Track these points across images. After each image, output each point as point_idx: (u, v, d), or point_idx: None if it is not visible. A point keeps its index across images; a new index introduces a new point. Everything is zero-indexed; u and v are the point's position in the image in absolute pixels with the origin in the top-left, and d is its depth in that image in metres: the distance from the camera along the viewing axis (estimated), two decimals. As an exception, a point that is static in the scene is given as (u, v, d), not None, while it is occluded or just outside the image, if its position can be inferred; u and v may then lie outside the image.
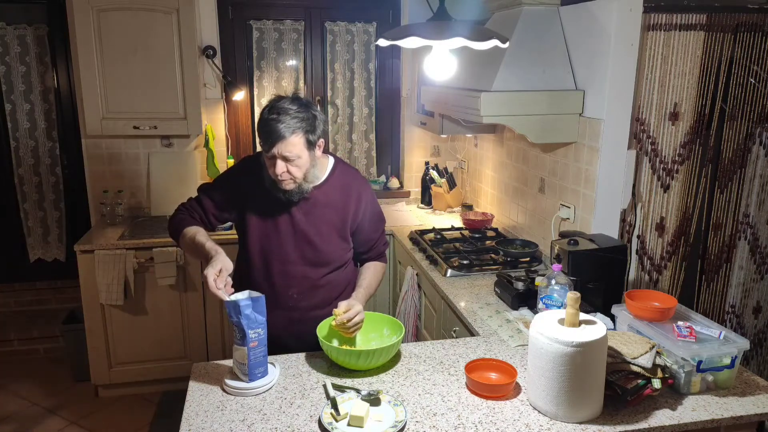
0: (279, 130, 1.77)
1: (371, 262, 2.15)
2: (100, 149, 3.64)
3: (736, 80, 2.49)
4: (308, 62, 3.90)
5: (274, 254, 1.97)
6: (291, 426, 1.53)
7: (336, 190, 2.00)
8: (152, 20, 3.26)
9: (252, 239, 1.98)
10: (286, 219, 1.96)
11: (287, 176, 1.84)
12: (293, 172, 1.84)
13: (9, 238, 4.00)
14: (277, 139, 1.78)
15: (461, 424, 1.54)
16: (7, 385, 3.52)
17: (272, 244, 1.97)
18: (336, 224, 2.00)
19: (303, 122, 1.80)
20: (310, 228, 1.97)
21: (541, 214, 2.88)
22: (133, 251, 3.18)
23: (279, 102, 1.82)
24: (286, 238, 1.97)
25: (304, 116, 1.81)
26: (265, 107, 1.84)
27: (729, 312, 2.78)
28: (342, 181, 2.02)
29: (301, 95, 1.89)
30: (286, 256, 1.98)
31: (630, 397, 1.57)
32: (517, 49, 2.47)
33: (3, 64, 3.74)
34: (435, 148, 4.07)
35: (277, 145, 1.78)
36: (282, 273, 1.98)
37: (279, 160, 1.81)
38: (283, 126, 1.77)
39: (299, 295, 2.00)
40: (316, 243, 1.98)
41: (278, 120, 1.77)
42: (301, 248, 1.98)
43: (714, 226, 2.65)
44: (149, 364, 3.38)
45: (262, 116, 1.82)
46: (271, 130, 1.78)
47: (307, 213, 1.96)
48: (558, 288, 1.97)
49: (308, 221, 1.96)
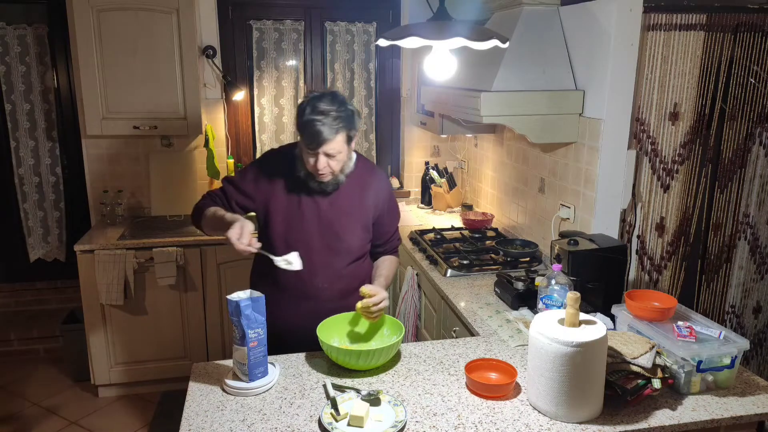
0: (325, 132, 1.84)
1: (386, 256, 2.21)
2: (100, 149, 3.64)
3: (736, 80, 2.49)
4: (308, 62, 3.90)
5: (298, 244, 2.01)
6: (291, 426, 1.53)
7: (360, 181, 2.07)
8: (152, 20, 3.26)
9: (276, 229, 2.03)
10: (312, 209, 2.02)
11: (327, 170, 1.93)
12: (332, 165, 1.93)
13: (9, 238, 4.00)
14: (324, 141, 1.85)
15: (461, 424, 1.54)
16: (7, 385, 3.52)
17: (297, 234, 2.02)
18: (359, 215, 2.07)
19: (345, 121, 1.88)
20: (335, 218, 2.03)
21: (541, 214, 2.88)
22: (133, 251, 3.18)
23: (320, 102, 1.87)
24: (311, 227, 2.02)
25: (344, 114, 1.88)
26: (305, 106, 1.89)
27: (729, 312, 2.78)
28: (365, 174, 2.09)
29: (336, 91, 1.96)
30: (310, 246, 2.02)
31: (630, 397, 1.57)
32: (517, 49, 2.47)
33: (3, 64, 3.74)
34: (435, 148, 4.07)
35: (323, 145, 1.86)
36: (307, 262, 2.01)
37: (321, 156, 1.89)
38: (328, 127, 1.84)
39: (324, 284, 2.05)
40: (340, 232, 2.04)
41: (323, 122, 1.84)
42: (326, 238, 2.03)
43: (714, 226, 2.65)
44: (149, 364, 3.38)
45: (305, 116, 1.87)
46: (317, 131, 1.84)
47: (332, 203, 2.03)
48: (558, 288, 1.97)
49: (333, 211, 2.03)
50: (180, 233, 3.39)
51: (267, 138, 3.95)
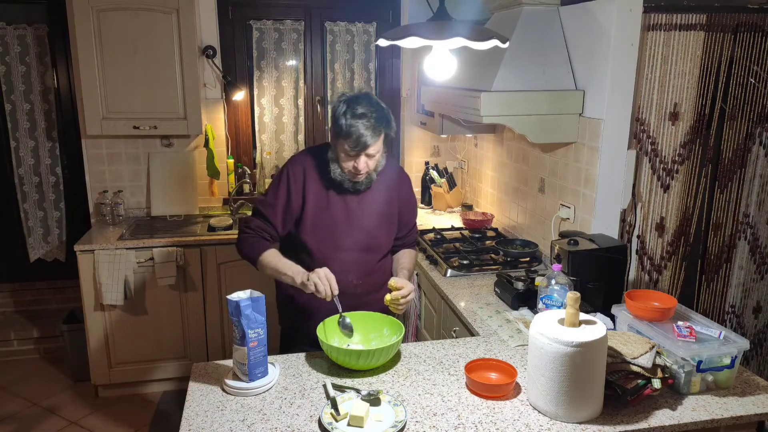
0: (369, 135, 1.90)
1: (404, 250, 2.26)
2: (100, 149, 3.64)
3: (736, 80, 2.49)
4: (308, 62, 3.90)
5: (331, 244, 2.06)
6: (291, 426, 1.53)
7: (385, 178, 2.12)
8: (152, 20, 3.26)
9: (308, 230, 2.05)
10: (342, 208, 2.06)
11: (366, 170, 1.99)
12: (371, 165, 2.00)
13: (9, 238, 4.00)
14: (367, 144, 1.91)
15: (461, 424, 1.54)
16: (7, 385, 3.52)
17: (328, 233, 2.05)
18: (387, 211, 2.12)
19: (384, 121, 1.94)
20: (365, 215, 2.07)
21: (541, 214, 2.88)
22: (133, 251, 3.18)
23: (357, 105, 1.91)
24: (342, 226, 2.06)
25: (382, 116, 1.93)
26: (343, 109, 1.92)
27: (729, 312, 2.78)
28: (389, 170, 2.15)
29: (369, 92, 2.02)
30: (342, 245, 2.06)
31: (630, 397, 1.57)
32: (517, 49, 2.47)
33: (3, 64, 3.74)
34: (435, 148, 4.06)
35: (368, 147, 1.92)
36: (339, 261, 2.06)
37: (363, 156, 1.95)
38: (372, 131, 1.90)
39: (357, 280, 2.09)
40: (370, 229, 2.08)
41: (366, 125, 1.90)
42: (356, 235, 2.07)
43: (714, 226, 2.65)
44: (149, 364, 3.38)
45: (346, 119, 1.90)
46: (361, 134, 1.89)
47: (360, 201, 2.07)
48: (558, 288, 1.97)
49: (362, 209, 2.07)
50: (180, 233, 3.39)
51: (267, 138, 3.95)
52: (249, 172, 3.88)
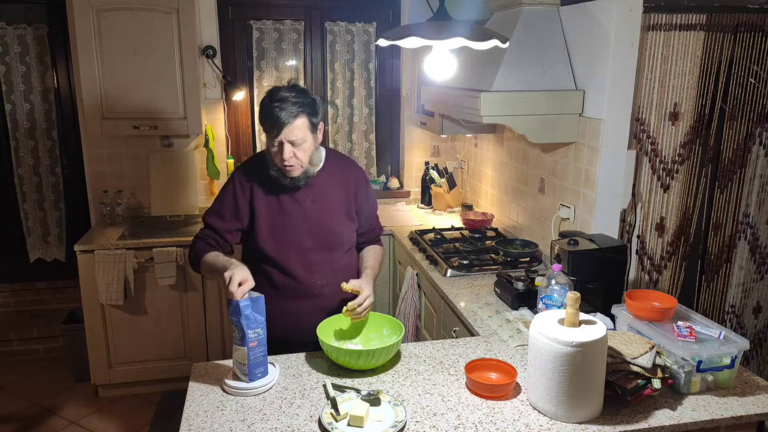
0: (284, 116, 1.84)
1: (370, 246, 2.22)
2: (100, 149, 3.64)
3: (736, 80, 2.49)
4: (308, 62, 3.90)
5: (290, 246, 2.01)
6: (291, 426, 1.53)
7: (335, 172, 2.07)
8: (152, 20, 3.26)
9: (264, 237, 2.01)
10: (297, 209, 2.01)
11: (295, 161, 1.91)
12: (299, 156, 1.91)
13: (9, 238, 4.00)
14: (284, 125, 1.84)
15: (461, 424, 1.54)
16: (7, 385, 3.52)
17: (287, 236, 2.01)
18: (343, 206, 2.07)
19: (304, 106, 1.88)
20: (321, 213, 2.03)
21: (541, 214, 2.88)
22: (133, 251, 3.18)
23: (278, 91, 1.89)
24: (300, 227, 2.01)
25: (304, 101, 1.88)
26: (264, 97, 1.90)
27: (729, 312, 2.78)
28: (339, 165, 2.11)
29: (297, 83, 1.97)
30: (302, 245, 2.02)
31: (630, 397, 1.57)
32: (517, 49, 2.47)
33: (3, 64, 3.74)
34: (435, 148, 4.06)
35: (284, 130, 1.85)
36: (302, 263, 2.02)
37: (286, 145, 1.87)
38: (286, 112, 1.84)
39: (323, 281, 2.05)
40: (329, 227, 2.04)
41: (281, 107, 1.84)
42: (316, 234, 2.02)
43: (714, 226, 2.65)
44: (149, 364, 3.38)
45: (264, 105, 1.88)
46: (276, 116, 1.84)
47: (315, 200, 2.02)
48: (558, 288, 1.97)
49: (317, 207, 2.02)
50: (180, 233, 3.39)
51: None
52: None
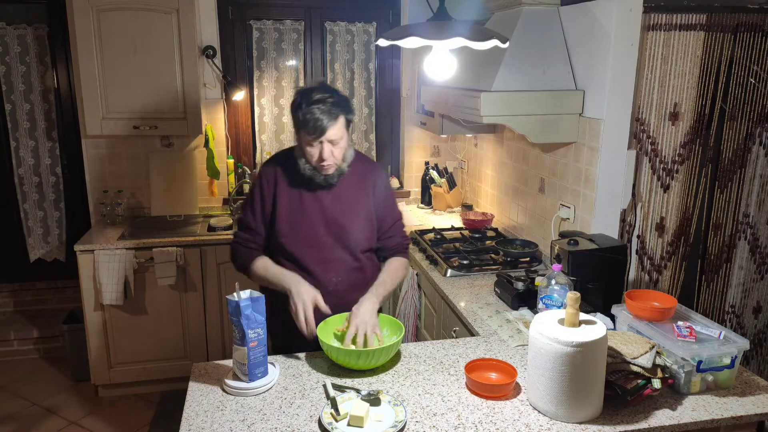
0: (326, 118, 1.88)
1: (393, 258, 2.15)
2: (100, 149, 3.64)
3: (736, 80, 2.49)
4: (308, 62, 3.90)
5: (308, 243, 2.03)
6: (291, 426, 1.53)
7: (358, 173, 2.09)
8: (152, 20, 3.26)
9: (282, 231, 2.04)
10: (316, 206, 2.04)
11: (333, 159, 1.95)
12: (336, 154, 1.95)
13: (9, 238, 4.00)
14: (327, 127, 1.89)
15: (461, 424, 1.54)
16: (7, 385, 3.52)
17: (305, 234, 2.04)
18: (361, 206, 2.09)
19: (341, 105, 1.92)
20: (340, 212, 2.05)
21: (541, 214, 2.88)
22: (133, 251, 3.18)
23: (312, 93, 1.92)
24: (318, 224, 2.03)
25: (339, 99, 1.93)
26: (299, 100, 1.92)
27: (729, 312, 2.78)
28: (362, 165, 2.13)
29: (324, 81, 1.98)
30: (320, 243, 2.04)
31: (630, 397, 1.57)
32: (517, 49, 2.47)
33: (3, 64, 3.74)
34: (435, 148, 4.06)
35: (327, 131, 1.89)
36: (319, 260, 2.04)
37: (326, 144, 1.92)
38: (328, 114, 1.88)
39: (338, 279, 2.06)
40: (346, 225, 2.05)
41: (322, 109, 1.88)
42: (334, 233, 2.04)
43: (714, 226, 2.65)
44: (149, 364, 3.38)
45: (300, 108, 1.90)
46: (318, 118, 1.88)
47: (334, 198, 2.05)
48: (558, 288, 1.97)
49: (336, 206, 2.04)
50: (180, 233, 3.39)
51: (267, 138, 3.94)
52: (249, 172, 3.88)
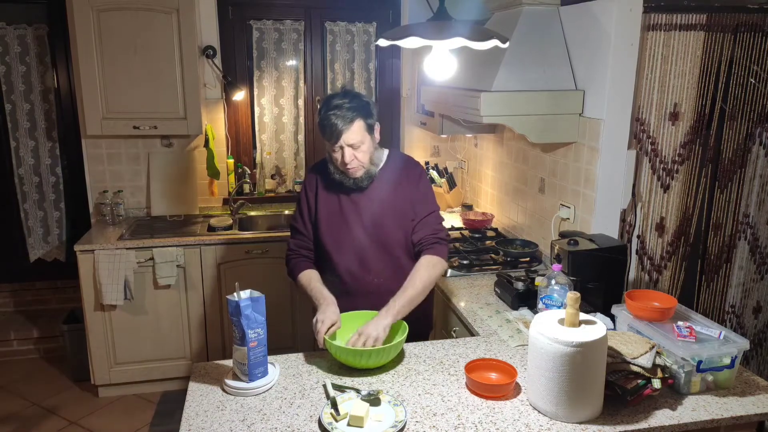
0: (340, 123, 1.92)
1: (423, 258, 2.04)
2: (100, 149, 3.64)
3: (736, 80, 2.49)
4: (308, 62, 3.90)
5: (348, 246, 2.08)
6: (291, 426, 1.53)
7: (393, 172, 2.12)
8: (152, 20, 3.26)
9: (324, 233, 2.10)
10: (353, 208, 2.08)
11: (356, 162, 1.99)
12: (359, 157, 1.99)
13: (9, 238, 4.00)
14: (342, 131, 1.93)
15: (461, 424, 1.54)
16: (7, 385, 3.52)
17: (344, 234, 2.08)
18: (394, 203, 2.10)
19: (358, 110, 1.95)
20: (377, 212, 2.08)
21: (541, 214, 2.88)
22: (133, 251, 3.18)
23: (333, 99, 1.97)
24: (356, 226, 2.08)
25: (357, 104, 1.96)
26: (321, 107, 2.00)
27: (729, 312, 2.78)
28: (397, 164, 2.15)
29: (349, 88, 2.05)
30: (359, 244, 2.08)
31: (630, 397, 1.57)
32: (517, 49, 2.47)
33: (3, 64, 3.74)
34: (435, 148, 4.06)
35: (342, 135, 1.93)
36: (360, 261, 2.08)
37: (346, 148, 1.96)
38: (342, 119, 1.92)
39: (380, 279, 2.09)
40: (385, 226, 2.08)
41: (336, 115, 1.92)
42: (372, 233, 2.08)
43: (714, 226, 2.65)
44: (149, 364, 3.38)
45: (321, 114, 1.97)
46: (333, 123, 1.93)
47: (370, 200, 2.08)
48: (558, 288, 1.97)
49: (373, 206, 2.08)
50: (180, 233, 3.39)
51: (267, 138, 3.94)
52: (249, 172, 3.89)
